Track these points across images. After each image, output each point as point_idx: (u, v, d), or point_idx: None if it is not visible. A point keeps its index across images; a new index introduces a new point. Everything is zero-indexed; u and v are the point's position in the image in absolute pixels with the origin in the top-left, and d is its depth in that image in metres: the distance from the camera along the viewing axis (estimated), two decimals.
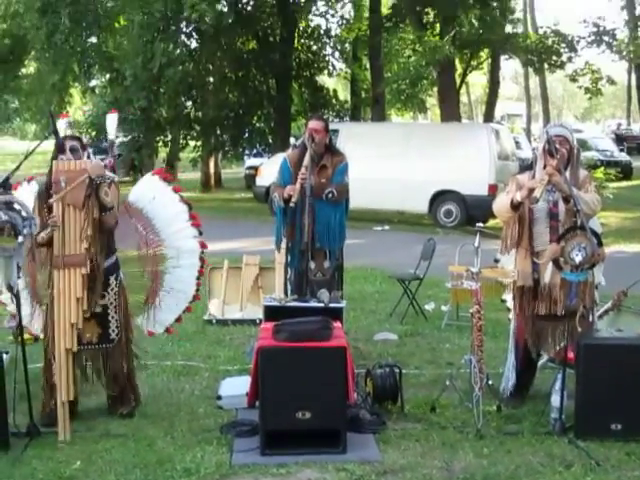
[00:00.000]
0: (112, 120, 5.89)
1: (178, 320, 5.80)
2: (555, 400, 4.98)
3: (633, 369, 4.85)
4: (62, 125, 5.60)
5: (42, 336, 5.31)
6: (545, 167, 5.17)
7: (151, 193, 5.62)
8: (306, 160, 6.10)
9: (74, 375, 5.07)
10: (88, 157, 5.19)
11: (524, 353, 5.49)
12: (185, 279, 5.68)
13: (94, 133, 24.86)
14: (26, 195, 5.32)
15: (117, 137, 24.52)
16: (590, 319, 5.34)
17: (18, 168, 5.12)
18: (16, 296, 4.93)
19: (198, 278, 5.76)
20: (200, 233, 5.70)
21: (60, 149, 5.09)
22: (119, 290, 5.25)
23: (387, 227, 16.44)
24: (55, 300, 4.95)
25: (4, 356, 5.23)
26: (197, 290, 5.79)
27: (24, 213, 4.76)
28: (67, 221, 4.94)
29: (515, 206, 5.20)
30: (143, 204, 5.57)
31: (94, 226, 4.94)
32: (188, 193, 24.07)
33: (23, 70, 28.53)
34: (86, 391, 5.41)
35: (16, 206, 4.76)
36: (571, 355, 5.20)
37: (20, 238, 4.74)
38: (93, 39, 23.38)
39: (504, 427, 5.07)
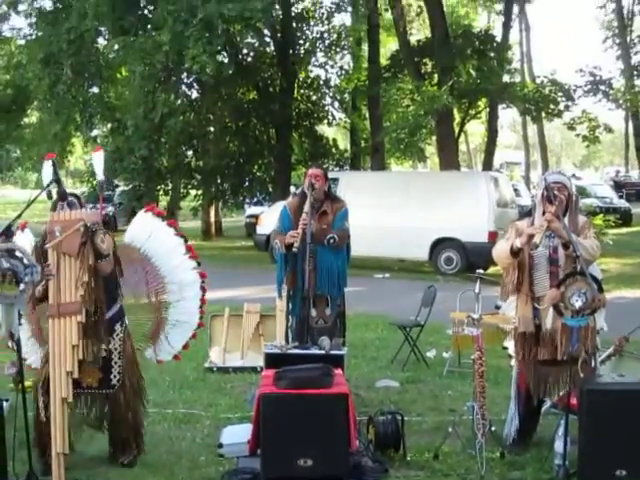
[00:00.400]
0: (98, 158, 5.84)
1: (185, 347, 5.83)
2: (558, 446, 4.94)
3: (636, 414, 4.81)
4: (47, 167, 5.59)
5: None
6: (544, 214, 5.20)
7: (147, 231, 5.67)
8: (306, 207, 6.15)
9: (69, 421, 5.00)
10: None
11: (526, 399, 5.47)
12: (189, 310, 5.71)
13: (95, 182, 24.97)
14: (20, 242, 5.32)
15: (116, 187, 24.58)
16: (592, 364, 5.33)
17: (20, 216, 5.15)
18: (17, 343, 4.91)
19: (201, 307, 5.78)
20: (198, 264, 5.75)
21: (62, 197, 5.14)
22: (124, 336, 5.24)
23: (388, 275, 16.45)
24: (50, 348, 4.90)
25: (4, 404, 5.22)
26: (201, 317, 5.82)
27: (26, 261, 4.76)
28: (62, 269, 4.92)
29: (515, 252, 5.23)
30: (140, 243, 5.61)
31: (90, 273, 4.93)
32: (189, 242, 24.20)
33: (25, 120, 28.78)
34: (86, 438, 5.38)
35: (18, 254, 4.76)
36: (574, 401, 5.18)
37: (22, 286, 4.73)
38: (95, 89, 23.66)
39: (507, 474, 5.03)
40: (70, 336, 4.87)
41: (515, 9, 25.46)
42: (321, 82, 25.32)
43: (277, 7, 21.70)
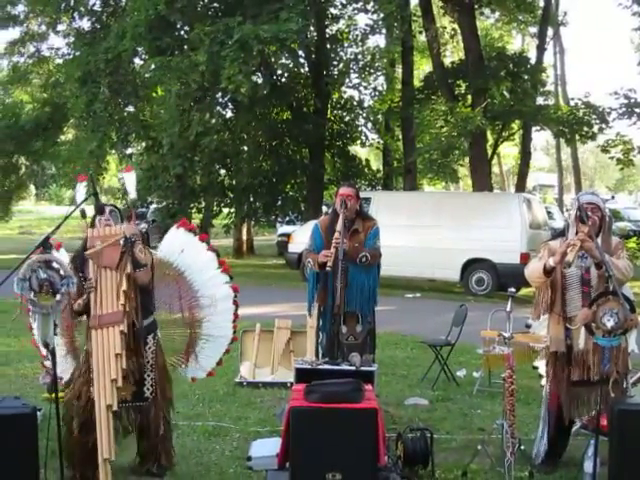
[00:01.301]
0: (130, 178, 5.96)
1: (219, 363, 5.89)
2: (588, 467, 4.91)
3: None
4: (81, 188, 5.71)
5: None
6: (577, 234, 5.21)
7: (179, 246, 5.73)
8: (339, 225, 6.17)
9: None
10: None
11: (557, 419, 5.44)
12: (222, 324, 5.76)
13: (128, 199, 25.23)
14: None
15: (149, 204, 24.69)
16: (624, 385, 5.31)
17: (58, 228, 5.21)
18: (52, 353, 4.99)
19: (234, 321, 5.84)
20: (231, 278, 5.81)
21: (100, 211, 5.23)
22: (156, 349, 5.30)
23: (418, 294, 16.43)
24: (93, 359, 4.97)
25: (37, 413, 5.30)
26: (234, 332, 5.88)
27: (62, 272, 4.85)
28: (103, 282, 5.02)
29: (548, 271, 5.24)
30: (173, 258, 5.68)
31: (129, 283, 5.02)
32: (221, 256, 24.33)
33: (62, 137, 29.17)
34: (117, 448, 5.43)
35: (55, 265, 4.85)
36: (604, 422, 5.16)
37: (58, 296, 4.82)
38: (131, 108, 23.96)
39: None
40: (113, 345, 4.93)
41: (549, 32, 25.34)
42: (354, 103, 25.42)
43: (312, 29, 21.87)
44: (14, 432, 4.68)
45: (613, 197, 27.80)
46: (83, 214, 5.21)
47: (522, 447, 5.52)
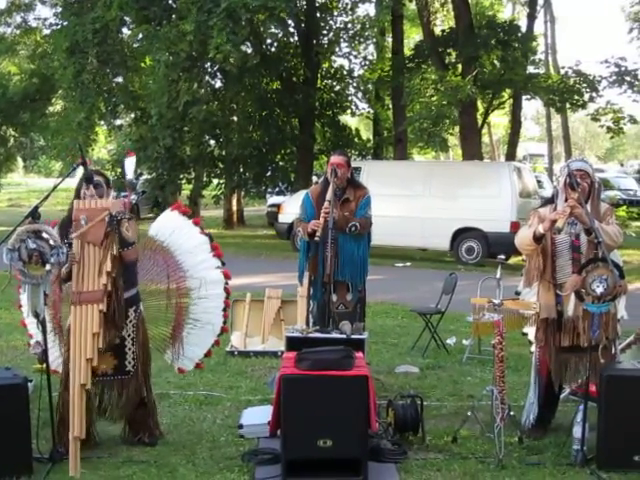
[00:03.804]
0: (130, 163, 5.99)
1: (207, 354, 5.81)
2: (577, 432, 4.95)
3: None
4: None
5: (60, 370, 5.32)
6: (567, 200, 5.21)
7: (171, 227, 5.68)
8: (329, 194, 6.15)
9: (89, 405, 5.06)
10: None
11: (546, 385, 5.48)
12: (211, 310, 5.67)
13: (119, 171, 25.14)
14: None
15: (139, 176, 24.69)
16: (613, 351, 5.34)
17: (47, 198, 5.19)
18: (42, 323, 4.97)
19: (224, 310, 5.75)
20: (223, 263, 5.74)
21: (88, 179, 5.18)
22: (138, 323, 5.26)
23: (409, 264, 16.46)
24: (71, 335, 4.95)
25: (29, 384, 5.31)
26: (224, 322, 5.79)
27: (52, 242, 4.82)
28: (86, 258, 4.97)
29: (538, 238, 5.24)
30: (164, 237, 5.62)
31: (114, 262, 4.98)
32: (210, 230, 24.31)
33: (50, 109, 28.96)
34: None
35: (44, 235, 4.82)
36: (593, 388, 5.20)
37: (48, 266, 4.80)
38: (119, 78, 23.77)
39: (526, 458, 5.06)
40: (91, 324, 4.91)
41: (540, 0, 25.18)
42: (344, 72, 25.29)
43: None
44: (6, 403, 4.70)
45: (622, 165, 27.78)
46: (77, 194, 5.17)
47: (512, 413, 5.56)
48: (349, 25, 23.90)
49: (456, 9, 21.72)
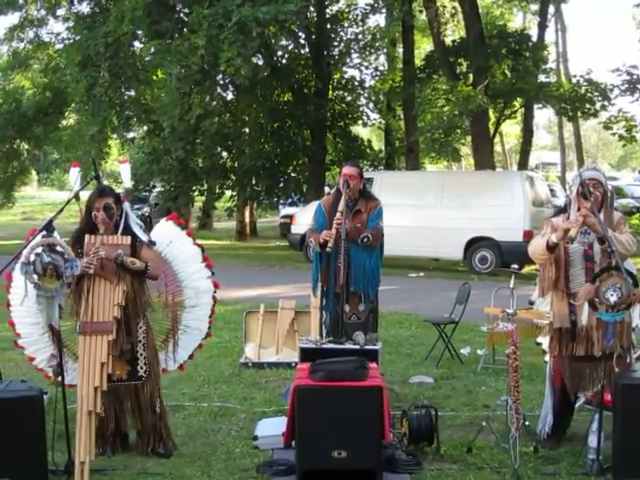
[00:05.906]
0: (125, 169, 6.15)
1: (191, 357, 5.91)
2: (592, 441, 4.93)
3: None
4: (74, 174, 5.74)
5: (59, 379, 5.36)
6: (579, 210, 5.20)
7: (168, 237, 5.76)
8: (341, 205, 6.17)
9: (115, 410, 5.23)
10: (121, 215, 5.29)
11: (561, 395, 5.46)
12: (200, 317, 5.80)
13: (132, 183, 25.26)
14: None
15: (153, 188, 24.73)
16: (627, 360, 5.31)
17: (61, 212, 5.23)
18: (57, 336, 5.03)
19: (210, 316, 5.86)
20: (212, 273, 5.83)
21: (101, 194, 5.23)
22: (147, 329, 5.36)
23: (422, 274, 16.45)
24: (79, 363, 5.02)
25: (44, 397, 5.33)
26: (209, 328, 5.89)
27: (66, 255, 4.87)
28: (97, 291, 5.08)
29: (551, 248, 5.23)
30: (162, 247, 5.69)
31: (126, 295, 5.11)
32: (223, 241, 24.37)
33: (63, 122, 29.14)
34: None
35: (59, 248, 4.87)
36: (608, 397, 5.18)
37: (62, 279, 4.85)
38: (131, 92, 23.91)
39: (541, 468, 5.03)
40: (100, 354, 4.96)
41: (551, 9, 25.14)
42: (356, 83, 25.37)
43: (311, 9, 21.75)
44: (22, 415, 4.72)
45: None
46: (77, 197, 5.23)
47: (527, 423, 5.54)
48: (360, 36, 24.00)
49: (466, 19, 21.73)
